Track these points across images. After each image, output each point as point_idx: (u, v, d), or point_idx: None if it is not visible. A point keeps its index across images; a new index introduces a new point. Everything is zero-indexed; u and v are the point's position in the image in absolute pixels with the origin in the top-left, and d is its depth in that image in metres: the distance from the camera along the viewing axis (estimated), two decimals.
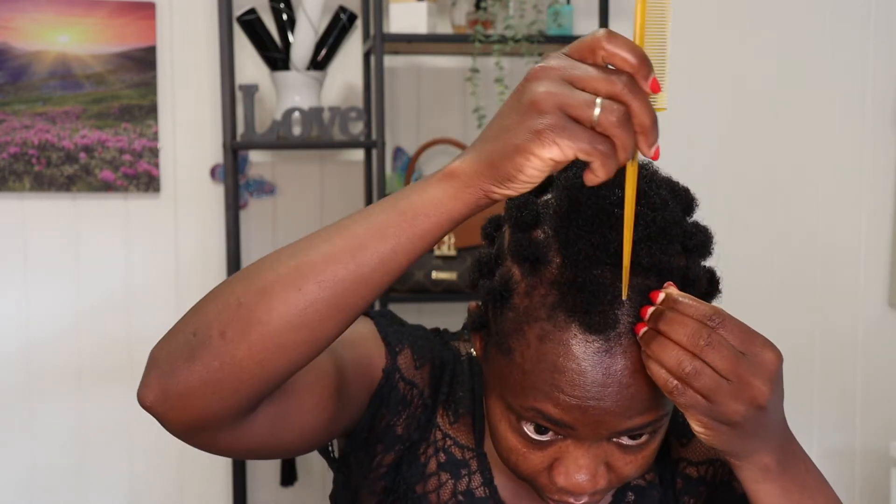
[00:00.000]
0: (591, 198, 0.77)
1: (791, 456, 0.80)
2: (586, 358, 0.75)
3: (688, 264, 0.80)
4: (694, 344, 0.71)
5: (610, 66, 0.67)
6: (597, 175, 0.66)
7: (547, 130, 0.65)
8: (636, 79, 0.66)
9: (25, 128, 2.56)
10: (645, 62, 0.66)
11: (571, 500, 0.82)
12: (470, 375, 0.96)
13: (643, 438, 0.81)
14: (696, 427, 0.75)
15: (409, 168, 2.62)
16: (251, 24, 2.47)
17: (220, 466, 2.70)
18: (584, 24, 2.69)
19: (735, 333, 0.72)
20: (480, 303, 0.86)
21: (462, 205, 0.70)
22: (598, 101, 0.65)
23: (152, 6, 2.59)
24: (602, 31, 0.67)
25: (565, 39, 2.48)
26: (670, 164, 0.93)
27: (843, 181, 2.90)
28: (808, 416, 2.89)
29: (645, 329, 0.74)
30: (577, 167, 0.78)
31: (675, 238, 0.79)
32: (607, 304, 0.75)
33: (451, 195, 0.70)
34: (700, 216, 0.85)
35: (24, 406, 2.64)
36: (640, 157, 0.72)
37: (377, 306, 2.49)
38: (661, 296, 0.75)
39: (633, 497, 0.95)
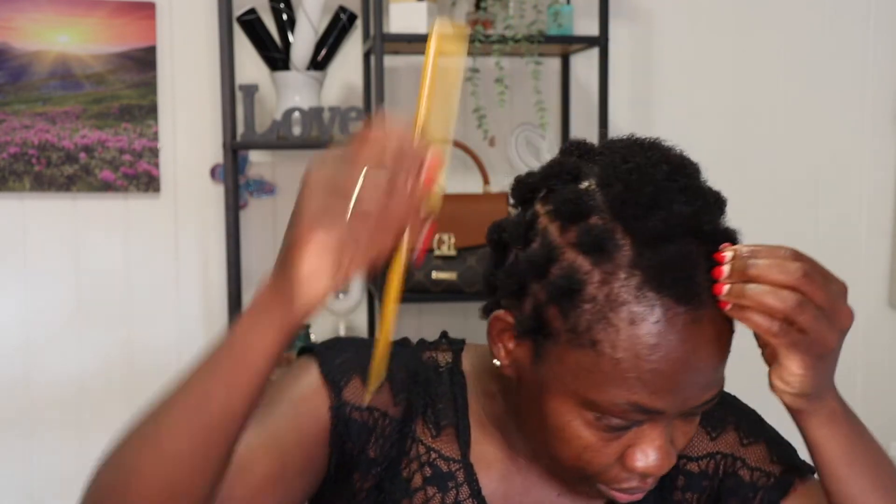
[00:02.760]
0: (644, 177, 0.78)
1: (843, 401, 0.83)
2: (680, 331, 0.76)
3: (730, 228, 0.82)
4: (794, 279, 0.73)
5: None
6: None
7: (310, 219, 0.69)
8: (410, 174, 0.68)
9: (25, 128, 2.56)
10: (408, 159, 0.68)
11: (639, 484, 0.83)
12: (450, 385, 0.94)
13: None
14: (797, 369, 0.76)
15: None
16: (251, 24, 2.47)
17: None
18: (584, 24, 2.68)
19: (812, 262, 0.75)
20: (515, 310, 0.83)
21: (271, 340, 0.71)
22: (359, 182, 0.67)
23: (152, 6, 2.59)
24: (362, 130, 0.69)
25: (565, 39, 2.48)
26: None
27: (842, 180, 2.90)
28: None
29: (729, 285, 0.75)
30: (612, 150, 0.81)
31: (721, 205, 0.82)
32: (690, 272, 0.76)
33: (260, 333, 0.71)
34: None
35: (23, 406, 2.63)
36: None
37: (378, 315, 2.49)
38: (729, 253, 0.75)
39: None
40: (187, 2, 2.63)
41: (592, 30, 2.61)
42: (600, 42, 2.47)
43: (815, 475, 0.91)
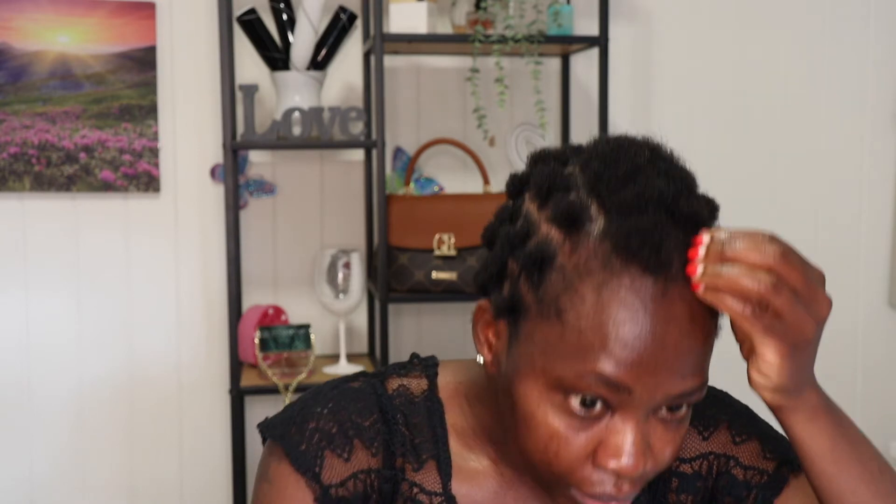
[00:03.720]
0: (622, 155, 0.78)
1: (825, 395, 0.82)
2: (647, 302, 0.74)
3: (710, 217, 0.80)
4: (770, 260, 0.71)
5: None
6: None
7: None
8: None
9: (25, 128, 2.56)
10: None
11: (612, 491, 0.79)
12: (427, 416, 0.92)
13: (682, 411, 0.79)
14: (772, 357, 0.75)
15: (408, 168, 2.63)
16: (251, 24, 2.47)
17: (221, 466, 2.71)
18: (584, 24, 2.69)
19: (790, 246, 0.73)
20: (493, 297, 0.83)
21: None
22: None
23: (152, 6, 2.59)
24: None
25: (565, 39, 2.48)
26: None
27: (842, 181, 2.90)
28: None
29: (703, 266, 0.73)
30: (597, 140, 0.81)
31: (695, 184, 0.80)
32: (659, 242, 0.74)
33: None
34: None
35: (23, 406, 2.64)
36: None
37: (378, 315, 2.49)
38: (707, 237, 0.74)
39: None
40: (187, 2, 2.63)
41: (592, 30, 2.61)
42: (600, 42, 2.47)
43: None
